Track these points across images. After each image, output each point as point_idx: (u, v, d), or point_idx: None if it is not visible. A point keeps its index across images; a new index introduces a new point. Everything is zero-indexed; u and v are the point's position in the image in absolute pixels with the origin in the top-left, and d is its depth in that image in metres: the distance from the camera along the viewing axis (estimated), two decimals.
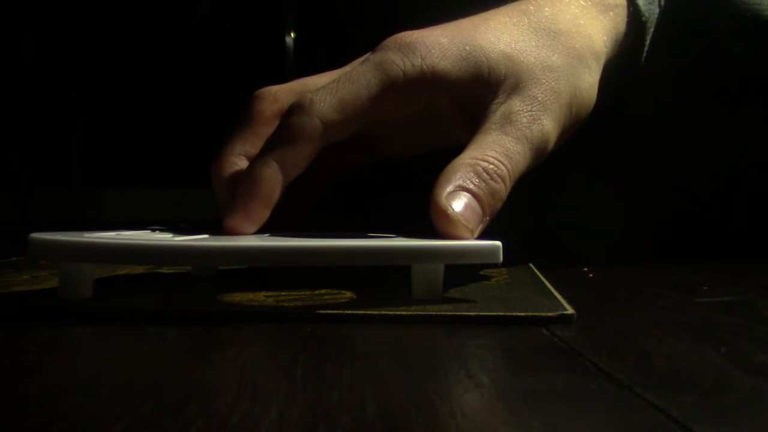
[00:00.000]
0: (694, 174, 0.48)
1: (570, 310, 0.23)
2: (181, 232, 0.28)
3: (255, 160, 0.28)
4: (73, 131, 1.81)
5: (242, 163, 0.31)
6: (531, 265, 0.38)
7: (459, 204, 0.26)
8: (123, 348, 0.21)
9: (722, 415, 0.14)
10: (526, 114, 0.29)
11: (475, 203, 0.27)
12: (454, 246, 0.25)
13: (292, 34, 1.59)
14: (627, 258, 0.43)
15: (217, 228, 0.28)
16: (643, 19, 0.36)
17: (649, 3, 0.36)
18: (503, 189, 0.28)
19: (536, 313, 0.23)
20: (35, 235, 0.24)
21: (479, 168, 0.27)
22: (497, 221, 0.29)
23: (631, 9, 0.35)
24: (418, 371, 0.18)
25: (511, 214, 0.47)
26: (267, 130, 0.31)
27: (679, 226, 0.48)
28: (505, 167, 0.28)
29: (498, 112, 0.29)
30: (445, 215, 0.26)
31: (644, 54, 0.37)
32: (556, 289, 0.28)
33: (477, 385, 0.16)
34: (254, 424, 0.13)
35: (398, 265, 0.24)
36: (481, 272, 0.33)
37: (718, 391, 0.16)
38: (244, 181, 0.28)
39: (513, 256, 0.39)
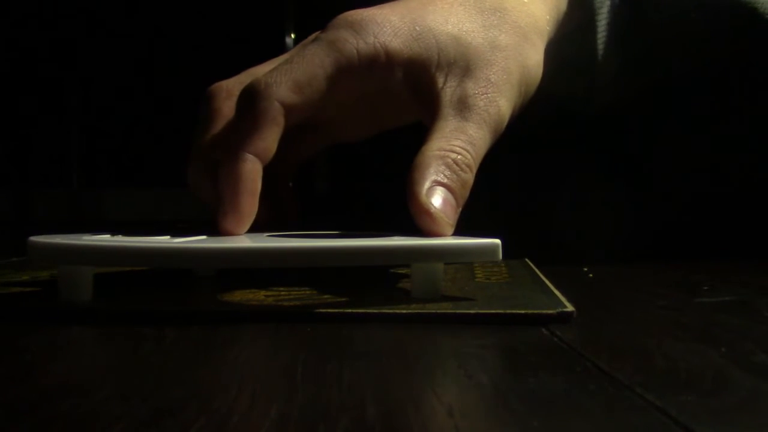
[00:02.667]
0: (694, 174, 0.48)
1: (570, 308, 0.23)
2: (180, 233, 0.28)
3: (229, 157, 0.28)
4: (73, 131, 1.81)
5: (213, 165, 0.30)
6: (527, 260, 0.39)
7: (438, 200, 0.27)
8: (123, 348, 0.21)
9: (722, 415, 0.14)
10: (482, 97, 0.30)
11: (450, 197, 0.27)
12: (454, 245, 0.25)
13: (292, 35, 1.59)
14: (627, 258, 0.43)
15: (215, 228, 0.28)
16: None
17: None
18: (471, 178, 0.28)
19: (536, 311, 0.23)
20: (34, 239, 0.24)
21: (449, 160, 0.28)
22: (496, 220, 0.29)
23: None
24: (418, 371, 0.18)
25: (509, 213, 0.47)
26: (228, 127, 0.31)
27: (679, 227, 0.48)
28: (471, 155, 0.29)
29: (454, 96, 0.30)
30: (429, 213, 0.26)
31: (598, 34, 0.37)
32: (556, 288, 0.28)
33: (476, 385, 0.16)
34: (254, 424, 0.13)
35: (398, 264, 0.24)
36: (480, 272, 0.33)
37: (718, 391, 0.16)
38: (225, 181, 0.28)
39: (512, 254, 0.39)
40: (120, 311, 0.24)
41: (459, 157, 0.28)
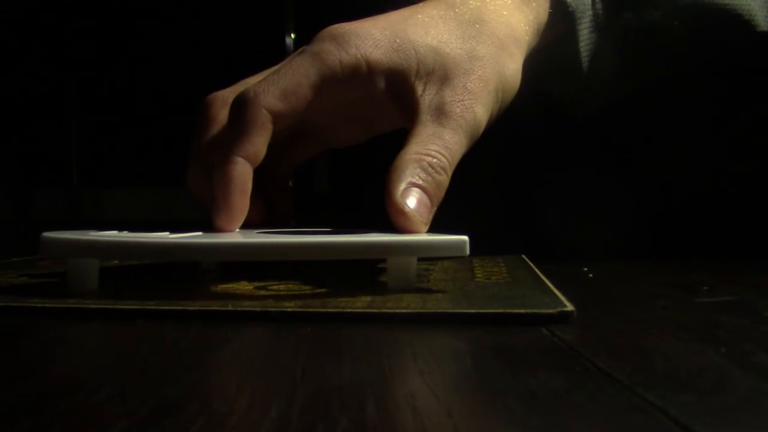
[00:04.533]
0: (693, 174, 0.48)
1: (570, 307, 0.23)
2: (178, 230, 0.30)
3: (221, 160, 0.30)
4: (73, 131, 1.81)
5: (209, 168, 0.32)
6: (524, 256, 0.39)
7: (412, 201, 0.29)
8: (123, 348, 0.21)
9: (722, 415, 0.14)
10: (459, 104, 0.31)
11: (425, 197, 0.29)
12: (424, 241, 0.26)
13: (293, 35, 1.59)
14: (627, 258, 0.43)
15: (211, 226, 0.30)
16: (570, 9, 0.37)
17: None
18: (446, 179, 0.30)
19: (536, 310, 0.23)
20: (46, 234, 0.26)
21: (424, 163, 0.30)
22: (494, 219, 0.29)
23: (555, 1, 0.37)
24: (418, 371, 0.18)
25: (508, 211, 0.47)
26: (222, 133, 0.33)
27: (678, 225, 0.49)
28: (446, 159, 0.30)
29: (432, 103, 0.31)
30: (403, 213, 0.28)
31: (581, 43, 0.38)
32: (556, 288, 0.28)
33: (476, 385, 0.16)
34: (254, 424, 0.13)
35: (376, 258, 0.26)
36: (481, 272, 0.33)
37: (718, 391, 0.16)
38: (218, 182, 0.30)
39: (509, 252, 0.40)
40: (120, 310, 0.24)
41: (434, 160, 0.30)
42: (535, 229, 0.49)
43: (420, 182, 0.29)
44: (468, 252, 0.26)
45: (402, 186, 0.29)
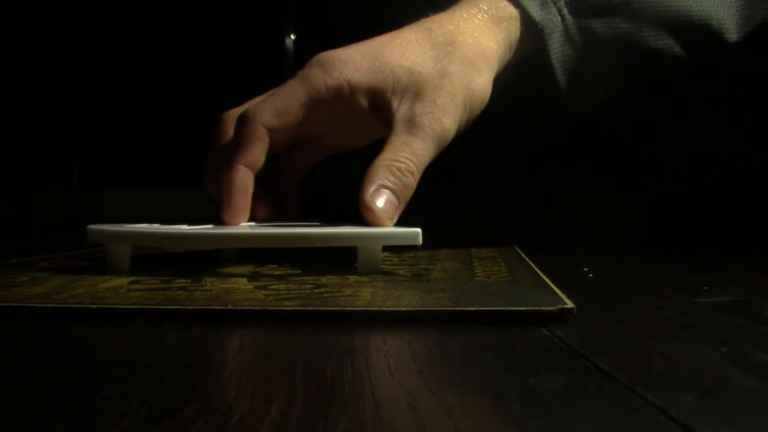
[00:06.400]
0: (693, 174, 0.49)
1: (570, 304, 0.23)
2: (194, 224, 0.36)
3: (225, 168, 0.36)
4: (73, 131, 1.81)
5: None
6: (516, 247, 0.42)
7: (381, 201, 0.34)
8: (123, 348, 0.21)
9: (722, 415, 0.14)
10: (428, 116, 0.36)
11: (392, 197, 0.34)
12: (384, 231, 0.32)
13: (292, 36, 1.59)
14: (627, 258, 0.43)
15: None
16: (539, 27, 0.40)
17: (546, 13, 0.41)
18: (413, 181, 0.35)
19: (536, 308, 0.23)
20: (91, 227, 0.33)
21: (393, 168, 0.34)
22: (494, 215, 0.29)
23: (525, 20, 0.40)
24: (418, 371, 0.18)
25: (509, 209, 0.48)
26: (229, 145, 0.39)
27: (680, 224, 0.49)
28: (414, 164, 0.35)
29: (405, 116, 0.36)
30: (371, 211, 0.33)
31: (552, 56, 0.41)
32: (556, 287, 0.28)
33: (476, 385, 0.16)
34: (254, 424, 0.13)
35: (346, 245, 0.31)
36: (480, 271, 0.33)
37: (718, 391, 0.16)
38: (223, 185, 0.36)
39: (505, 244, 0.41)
40: (121, 310, 0.24)
41: (402, 165, 0.34)
42: (532, 225, 0.49)
43: (389, 184, 0.34)
44: (420, 242, 0.31)
45: (372, 188, 0.34)
